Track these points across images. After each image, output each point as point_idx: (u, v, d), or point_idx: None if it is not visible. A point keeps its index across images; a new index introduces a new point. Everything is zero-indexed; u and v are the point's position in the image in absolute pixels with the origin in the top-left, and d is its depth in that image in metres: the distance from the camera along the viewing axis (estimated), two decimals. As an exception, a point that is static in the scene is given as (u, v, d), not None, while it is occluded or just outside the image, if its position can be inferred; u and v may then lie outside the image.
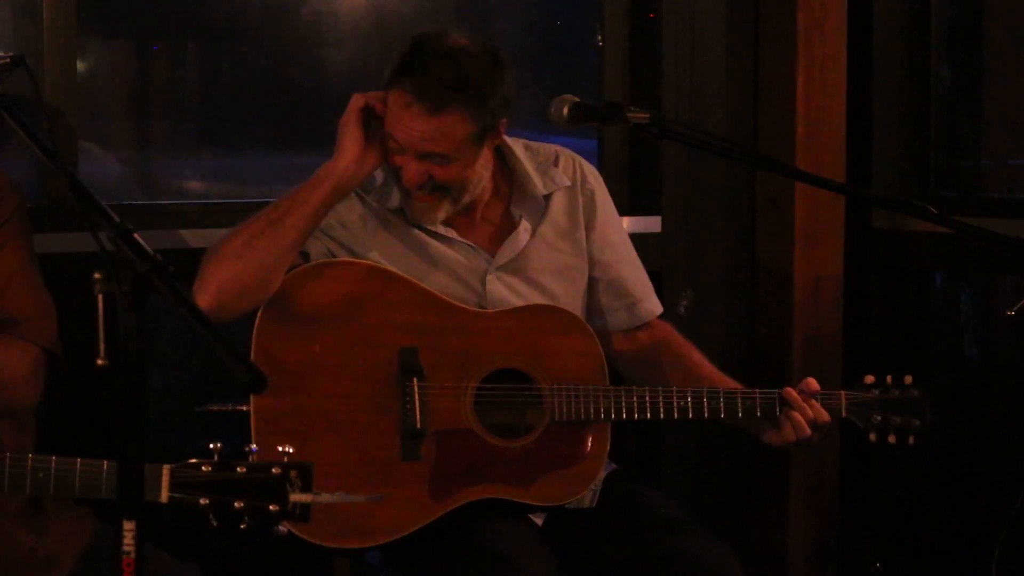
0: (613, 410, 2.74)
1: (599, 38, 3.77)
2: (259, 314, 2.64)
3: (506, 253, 2.83)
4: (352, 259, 2.75)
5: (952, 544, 3.87)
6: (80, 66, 3.18)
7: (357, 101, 2.69)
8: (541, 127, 3.39)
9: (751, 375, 3.76)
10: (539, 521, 2.80)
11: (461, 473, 2.68)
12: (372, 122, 2.69)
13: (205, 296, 2.60)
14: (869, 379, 2.88)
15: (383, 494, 2.61)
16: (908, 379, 2.88)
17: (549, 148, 2.94)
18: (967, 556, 3.78)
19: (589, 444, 2.77)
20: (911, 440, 2.88)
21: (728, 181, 3.77)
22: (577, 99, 2.72)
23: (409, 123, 2.63)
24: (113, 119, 3.44)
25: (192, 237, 3.20)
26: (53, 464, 2.14)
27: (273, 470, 2.07)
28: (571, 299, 2.90)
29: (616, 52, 3.76)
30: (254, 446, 2.10)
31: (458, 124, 2.64)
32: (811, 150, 3.66)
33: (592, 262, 2.93)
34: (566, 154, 2.95)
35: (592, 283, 2.94)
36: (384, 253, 2.77)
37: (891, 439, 2.87)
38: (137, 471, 1.70)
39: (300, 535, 2.56)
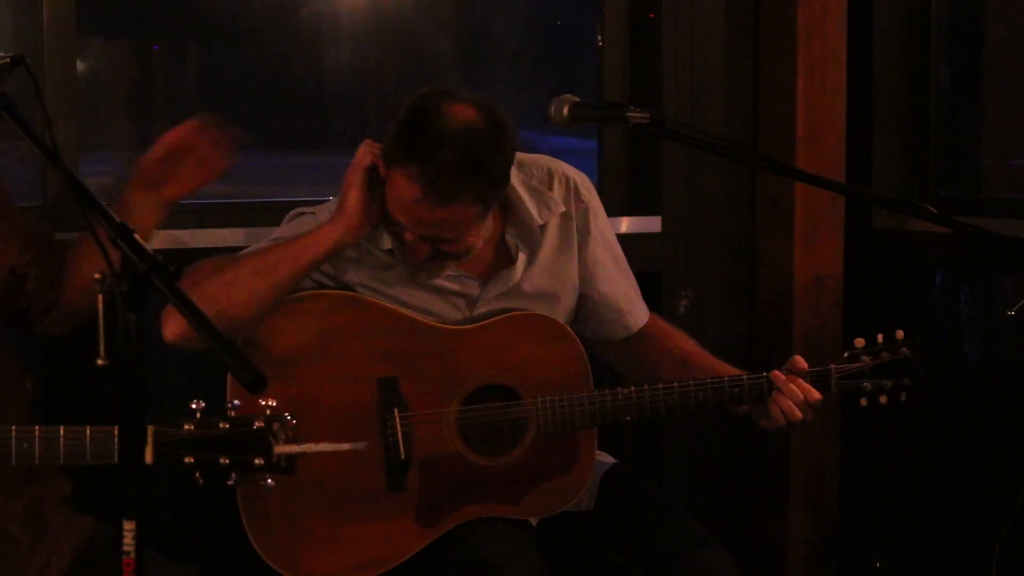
0: (599, 415, 2.70)
1: (599, 38, 3.77)
2: None
3: (499, 285, 2.76)
4: (318, 290, 2.66)
5: (952, 544, 3.87)
6: (80, 66, 3.18)
7: (364, 158, 2.58)
8: (541, 127, 3.39)
9: (751, 375, 3.76)
10: (534, 522, 2.80)
11: (450, 497, 2.66)
12: (375, 179, 2.59)
13: (169, 330, 2.49)
14: (859, 342, 2.84)
15: (372, 529, 2.60)
16: (899, 334, 2.84)
17: (541, 166, 2.83)
18: (967, 556, 3.78)
19: (577, 451, 2.74)
20: (903, 397, 2.84)
21: (728, 181, 3.77)
22: (577, 99, 2.71)
23: (419, 214, 2.54)
24: (113, 119, 3.44)
25: (192, 237, 3.20)
26: (37, 433, 2.14)
27: (255, 424, 2.06)
28: (561, 315, 2.83)
29: (616, 52, 3.75)
30: (236, 401, 2.09)
31: (468, 209, 2.55)
32: (811, 150, 3.66)
33: (582, 280, 2.86)
34: (558, 172, 2.83)
35: (581, 299, 2.89)
36: (373, 279, 2.71)
37: (882, 400, 2.84)
38: (137, 470, 1.70)
39: None
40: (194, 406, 2.08)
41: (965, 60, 3.95)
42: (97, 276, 1.75)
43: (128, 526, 1.71)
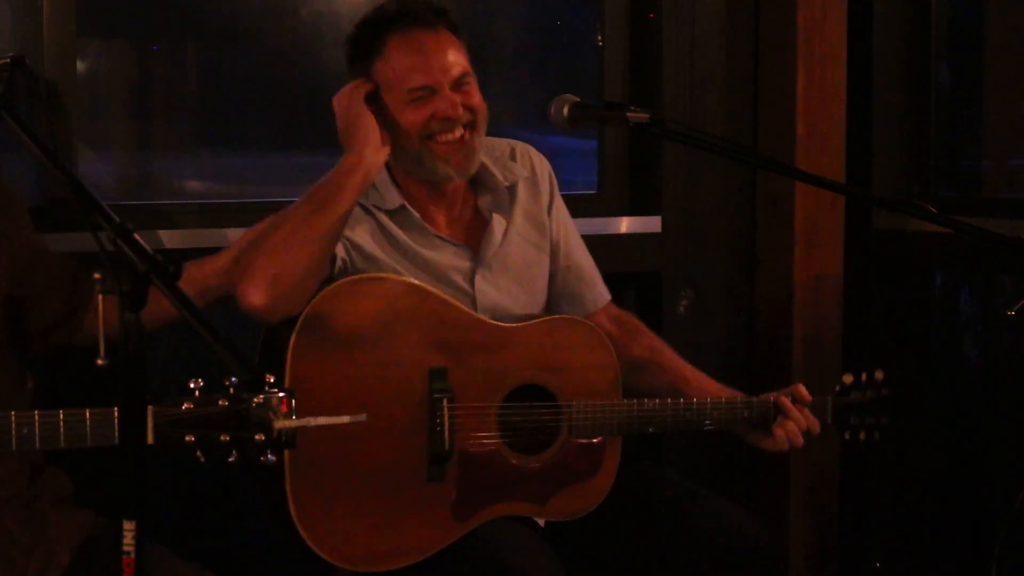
0: (626, 424, 2.77)
1: (599, 38, 3.77)
2: (293, 338, 2.56)
3: (487, 250, 2.82)
4: (383, 275, 2.71)
5: (952, 544, 3.87)
6: (80, 66, 3.17)
7: (359, 88, 2.69)
8: (541, 127, 3.39)
9: (751, 375, 3.76)
10: (541, 522, 2.81)
11: (482, 492, 2.68)
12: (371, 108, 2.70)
13: (259, 292, 2.55)
14: (847, 379, 2.98)
15: (409, 518, 2.62)
16: (878, 375, 2.99)
17: (503, 143, 2.94)
18: (967, 556, 3.78)
19: (602, 458, 2.79)
20: (876, 436, 2.99)
21: (728, 181, 3.77)
22: (577, 99, 2.72)
23: (430, 52, 2.69)
24: (113, 119, 3.43)
25: (192, 237, 3.19)
26: (37, 417, 2.14)
27: (255, 399, 2.06)
28: (542, 291, 2.92)
29: (616, 52, 3.75)
30: (234, 379, 2.09)
31: (456, 42, 2.73)
32: (811, 150, 3.67)
33: (554, 245, 2.94)
34: (520, 147, 2.95)
35: (553, 270, 2.95)
36: (374, 245, 2.76)
37: (861, 436, 2.99)
38: (138, 470, 1.70)
39: (328, 559, 2.57)
40: (192, 384, 2.08)
41: (965, 60, 3.95)
42: (97, 276, 1.75)
43: (128, 526, 1.71)
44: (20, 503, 2.42)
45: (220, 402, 2.06)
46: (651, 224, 3.69)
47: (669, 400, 2.81)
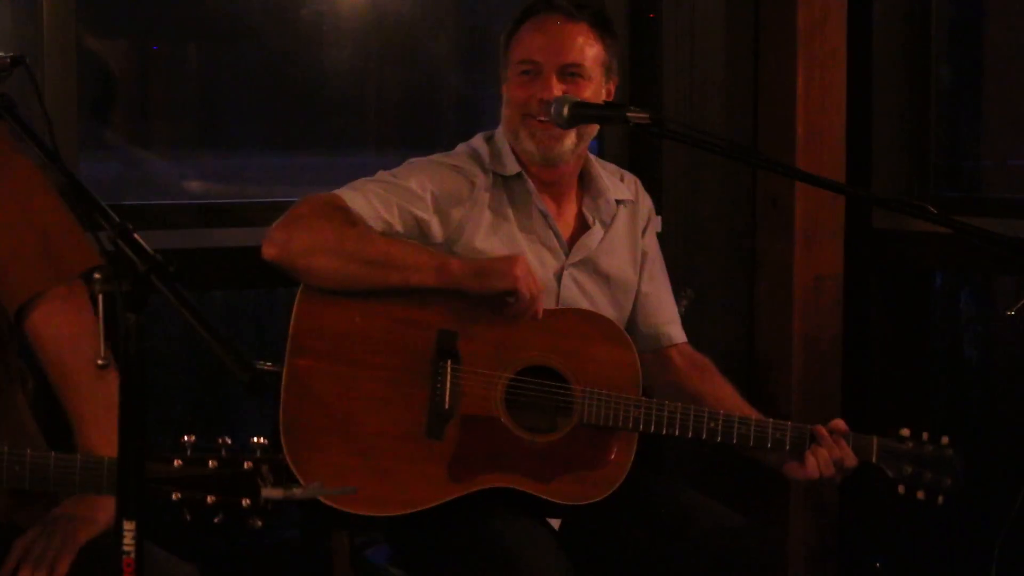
0: (643, 421, 2.75)
1: (599, 38, 3.76)
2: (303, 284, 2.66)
3: (581, 251, 2.88)
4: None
5: (952, 544, 3.87)
6: (80, 66, 3.17)
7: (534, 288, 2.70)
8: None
9: (751, 375, 3.76)
10: (555, 524, 2.81)
11: (482, 459, 2.69)
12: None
13: (277, 249, 2.63)
14: (905, 432, 2.83)
15: (404, 469, 2.64)
16: (945, 440, 2.84)
17: (615, 166, 3.05)
18: (967, 556, 3.78)
19: (614, 451, 2.77)
20: (940, 499, 2.85)
21: (728, 181, 3.77)
22: (577, 99, 2.72)
23: (551, 33, 2.77)
24: (113, 119, 3.44)
25: (192, 237, 3.20)
26: (28, 457, 2.15)
27: (245, 464, 2.05)
28: (626, 309, 2.97)
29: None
30: (228, 439, 2.09)
31: (589, 38, 2.80)
32: (811, 150, 3.67)
33: (641, 275, 3.00)
34: (629, 176, 3.05)
35: (636, 297, 3.00)
36: (474, 234, 2.80)
37: (919, 495, 2.85)
38: (138, 471, 1.70)
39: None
40: (185, 439, 2.08)
41: (965, 60, 3.95)
42: (97, 276, 1.74)
43: (128, 526, 1.71)
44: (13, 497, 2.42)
45: (210, 463, 2.06)
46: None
47: (692, 407, 2.78)
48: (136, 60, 3.51)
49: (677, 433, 2.76)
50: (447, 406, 2.68)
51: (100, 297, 1.74)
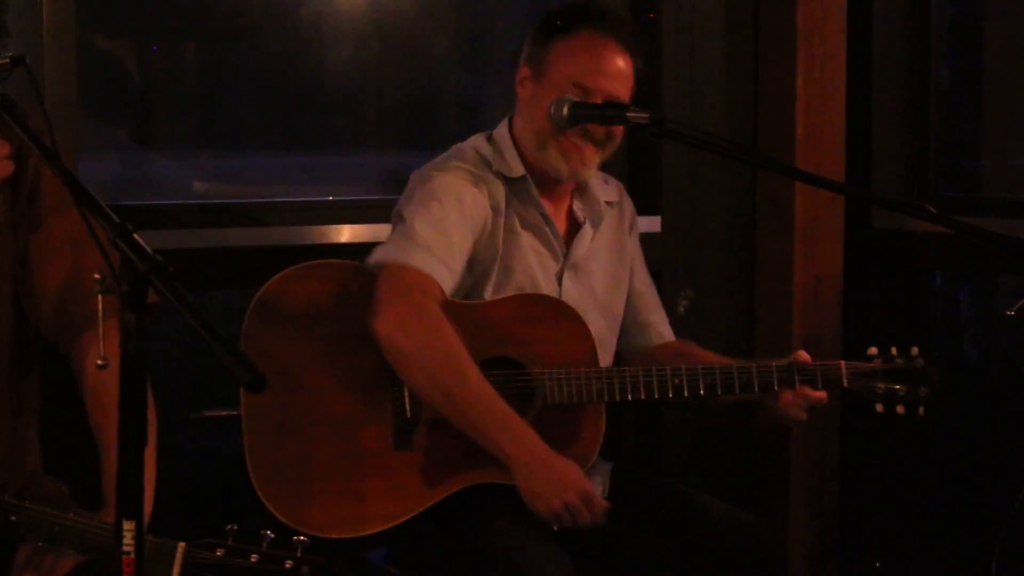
0: (607, 392, 2.74)
1: (599, 38, 3.76)
2: (248, 313, 2.65)
3: (576, 252, 2.89)
4: (334, 260, 2.76)
5: (952, 544, 3.87)
6: (80, 66, 3.17)
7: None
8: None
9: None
10: (556, 527, 2.80)
11: (455, 460, 2.69)
12: None
13: (384, 341, 2.61)
14: (872, 351, 2.82)
15: (377, 484, 2.63)
16: (915, 350, 2.81)
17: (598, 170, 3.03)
18: (967, 556, 3.78)
19: (583, 426, 2.76)
20: (921, 410, 2.80)
21: (728, 181, 3.77)
22: (577, 99, 2.72)
23: (610, 64, 2.76)
24: (113, 119, 3.43)
25: (192, 237, 3.20)
26: (25, 509, 2.15)
27: (286, 563, 2.05)
28: (619, 307, 2.98)
29: (616, 52, 3.75)
30: (270, 532, 2.09)
31: (632, 70, 2.81)
32: (811, 150, 3.66)
33: (632, 275, 3.02)
34: (613, 179, 3.07)
35: (628, 296, 3.01)
36: (494, 238, 2.81)
37: (899, 409, 2.80)
38: (137, 471, 1.70)
39: (296, 528, 2.54)
40: (228, 527, 2.08)
41: (965, 60, 3.95)
42: (97, 276, 1.74)
43: (128, 526, 1.71)
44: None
45: (252, 557, 2.06)
46: (651, 224, 3.68)
47: (653, 368, 2.75)
48: (136, 60, 3.51)
49: (643, 397, 2.74)
50: (409, 416, 2.67)
51: (100, 297, 1.74)
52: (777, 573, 2.81)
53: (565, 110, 2.69)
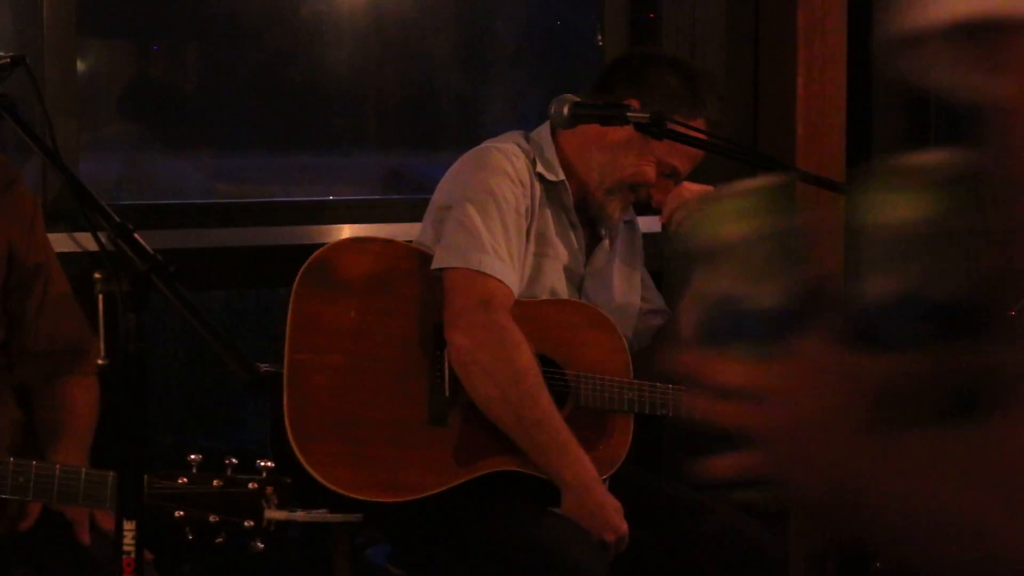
0: (637, 403, 2.80)
1: (599, 38, 3.77)
2: (299, 275, 2.68)
3: (597, 261, 2.92)
4: (395, 240, 2.82)
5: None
6: (80, 66, 3.17)
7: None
8: (541, 127, 3.38)
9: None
10: None
11: (486, 444, 2.72)
12: None
13: (458, 355, 2.65)
14: None
15: (408, 455, 2.67)
16: None
17: None
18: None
19: (613, 432, 2.82)
20: None
21: (728, 181, 3.76)
22: (577, 99, 2.72)
23: (695, 154, 2.85)
24: (113, 119, 3.44)
25: (192, 237, 3.20)
26: (33, 468, 2.14)
27: (249, 485, 2.05)
28: (635, 312, 3.00)
29: (616, 52, 3.75)
30: (234, 459, 2.09)
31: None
32: (811, 150, 3.66)
33: (645, 294, 3.06)
34: None
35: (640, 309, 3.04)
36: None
37: None
38: (137, 471, 1.70)
39: (325, 483, 2.58)
40: (192, 457, 2.08)
41: (965, 60, 3.94)
42: (97, 276, 1.74)
43: (128, 526, 1.71)
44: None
45: (215, 482, 2.05)
46: (651, 224, 3.68)
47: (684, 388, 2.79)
48: (136, 60, 3.51)
49: (671, 413, 2.81)
50: (447, 395, 2.71)
51: (100, 297, 1.74)
52: (778, 574, 2.82)
53: (565, 110, 2.69)
